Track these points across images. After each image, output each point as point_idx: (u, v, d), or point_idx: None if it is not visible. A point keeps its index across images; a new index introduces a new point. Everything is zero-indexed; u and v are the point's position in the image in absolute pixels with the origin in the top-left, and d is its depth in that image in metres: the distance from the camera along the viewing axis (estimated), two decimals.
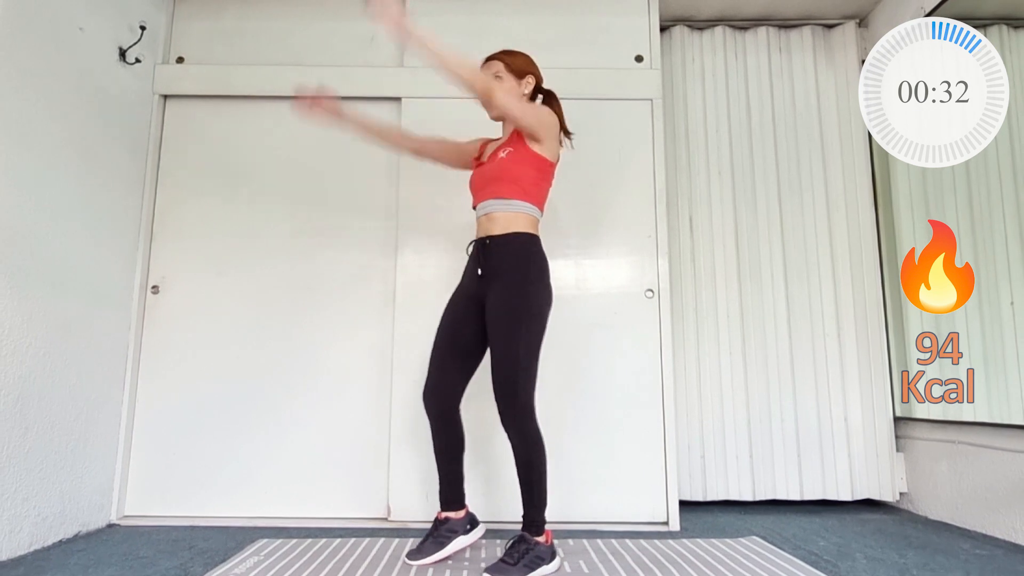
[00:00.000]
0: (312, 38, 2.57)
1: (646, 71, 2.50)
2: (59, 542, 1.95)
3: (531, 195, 1.75)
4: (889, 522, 2.30)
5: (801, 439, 2.53)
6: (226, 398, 2.33)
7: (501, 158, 1.77)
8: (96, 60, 2.17)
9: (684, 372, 2.57)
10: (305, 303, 2.39)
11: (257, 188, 2.47)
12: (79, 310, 2.06)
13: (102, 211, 2.20)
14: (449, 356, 1.77)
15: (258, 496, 2.28)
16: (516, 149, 1.76)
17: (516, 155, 1.75)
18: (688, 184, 2.70)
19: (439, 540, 1.73)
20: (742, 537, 2.04)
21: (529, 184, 1.75)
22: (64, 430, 1.98)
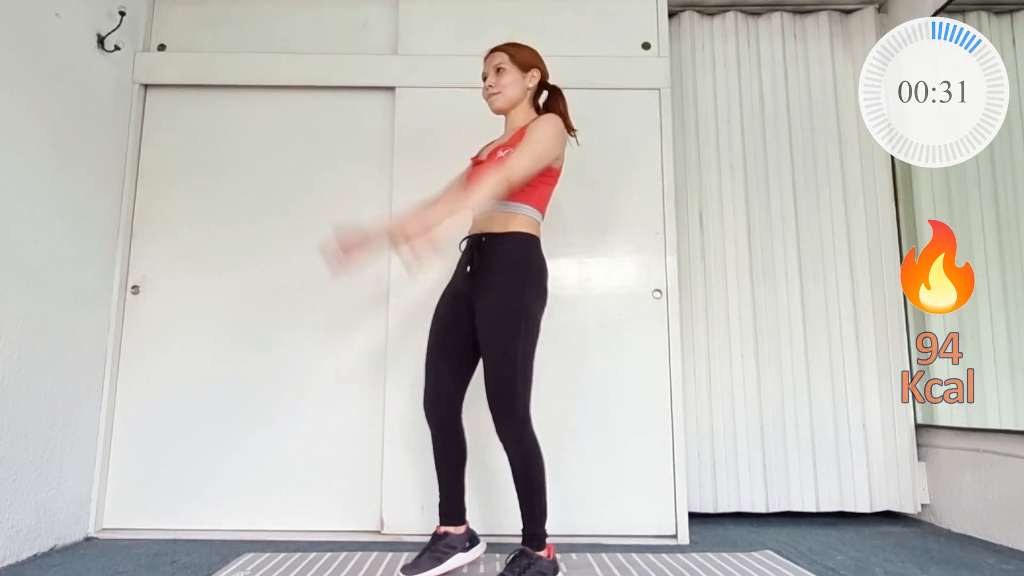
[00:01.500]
0: (301, 24, 2.56)
1: (654, 59, 2.49)
2: (34, 556, 1.94)
3: (531, 197, 1.73)
4: (910, 535, 2.29)
5: (817, 447, 2.52)
6: (210, 404, 2.32)
7: (501, 157, 1.75)
8: (73, 47, 2.16)
9: (693, 377, 2.56)
10: (294, 303, 2.38)
11: (243, 183, 2.46)
12: (55, 311, 2.05)
13: (79, 207, 2.19)
14: (443, 360, 1.76)
15: (244, 507, 2.27)
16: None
17: None
18: (698, 178, 2.69)
19: (437, 555, 1.72)
20: (755, 551, 2.03)
21: (530, 187, 1.73)
22: (39, 437, 1.97)
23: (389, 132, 2.46)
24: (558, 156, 1.75)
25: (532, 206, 1.74)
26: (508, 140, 1.79)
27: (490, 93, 1.84)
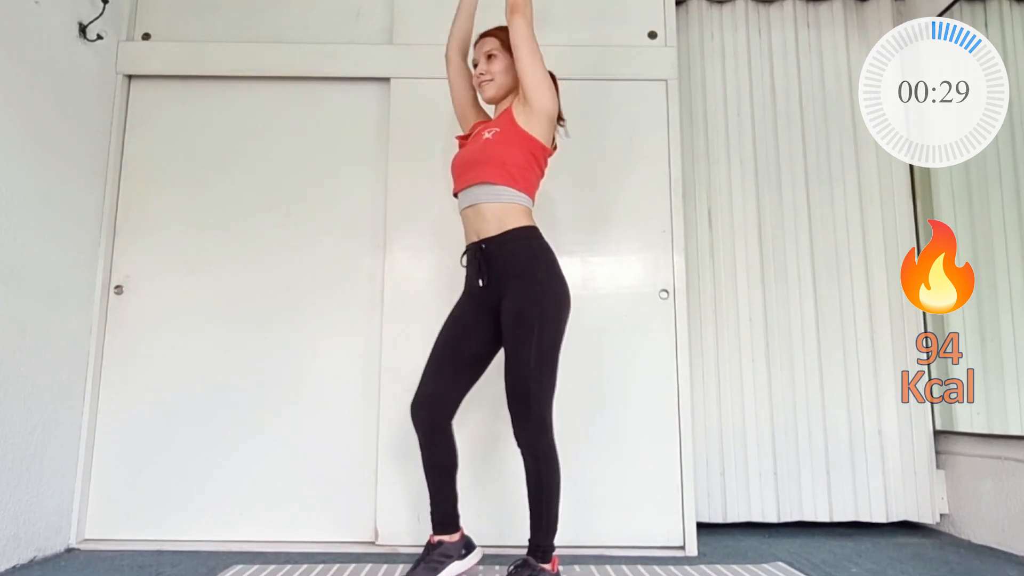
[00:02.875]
0: (292, 12, 2.56)
1: (660, 48, 2.49)
2: (12, 568, 1.94)
3: (519, 182, 1.73)
4: (928, 546, 2.29)
5: (831, 454, 2.52)
6: (197, 409, 2.32)
7: (486, 138, 1.75)
8: (53, 36, 2.16)
9: (702, 380, 2.56)
10: (285, 305, 2.38)
11: (231, 178, 2.45)
12: (35, 312, 2.05)
13: (60, 203, 2.18)
14: (449, 366, 1.76)
15: (232, 518, 2.27)
16: (504, 130, 1.75)
17: (504, 135, 1.74)
18: (706, 173, 2.69)
19: (432, 566, 1.72)
20: (766, 563, 2.03)
21: (516, 169, 1.73)
22: (18, 444, 1.97)
23: (384, 124, 2.46)
24: (542, 122, 1.75)
25: (522, 192, 1.75)
26: (496, 120, 1.80)
27: (482, 80, 1.85)
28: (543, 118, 1.75)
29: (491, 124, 1.80)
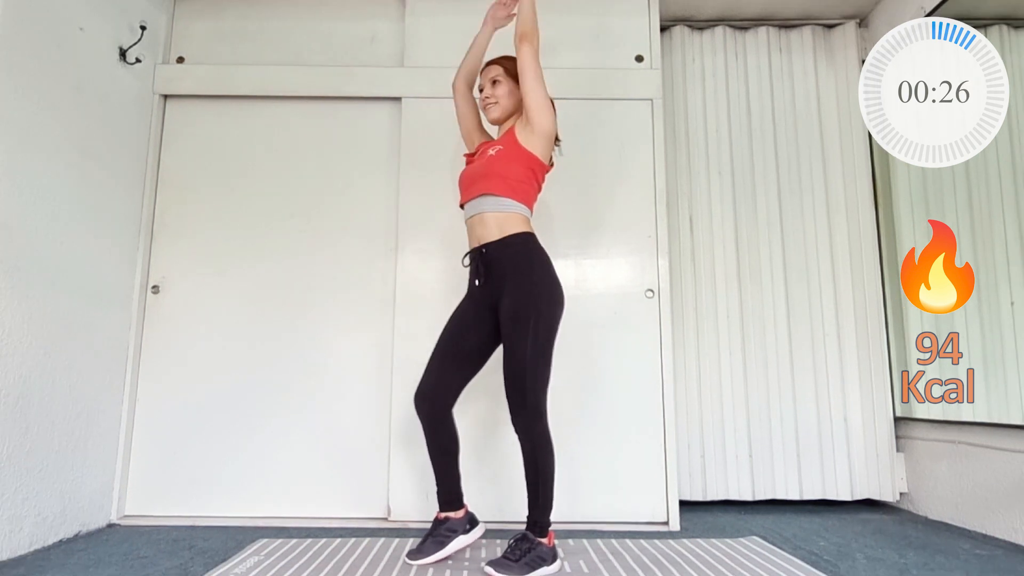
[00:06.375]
0: (313, 38, 2.57)
1: (646, 71, 2.50)
2: (59, 542, 1.94)
3: (519, 193, 1.75)
4: (889, 522, 2.30)
5: (801, 439, 2.53)
6: (226, 397, 2.33)
7: (490, 155, 1.78)
8: (96, 60, 2.17)
9: (684, 372, 2.56)
10: (305, 303, 2.39)
11: (257, 187, 2.46)
12: (79, 310, 2.06)
13: (102, 210, 2.19)
14: (450, 359, 1.76)
15: (258, 496, 2.28)
16: (507, 147, 1.77)
17: (507, 152, 1.76)
18: (688, 184, 2.69)
19: (439, 539, 1.73)
20: (742, 537, 2.04)
21: (517, 182, 1.75)
22: (64, 430, 1.98)
23: (396, 140, 2.47)
24: (542, 141, 1.75)
25: (522, 203, 1.76)
26: (500, 139, 1.81)
27: (487, 103, 1.87)
28: (543, 138, 1.76)
29: (495, 143, 1.82)
